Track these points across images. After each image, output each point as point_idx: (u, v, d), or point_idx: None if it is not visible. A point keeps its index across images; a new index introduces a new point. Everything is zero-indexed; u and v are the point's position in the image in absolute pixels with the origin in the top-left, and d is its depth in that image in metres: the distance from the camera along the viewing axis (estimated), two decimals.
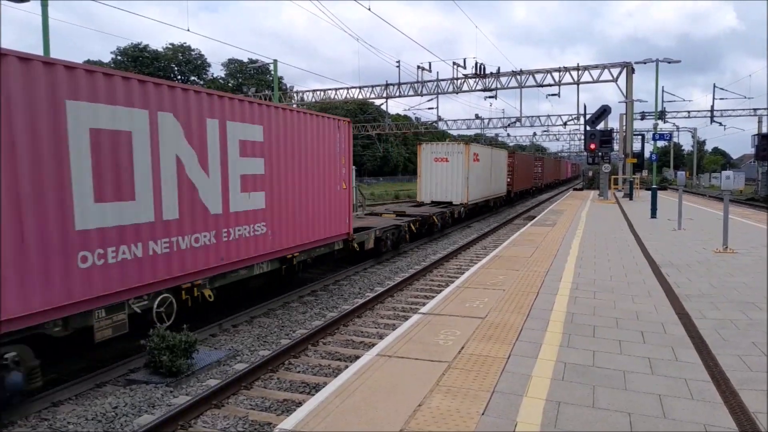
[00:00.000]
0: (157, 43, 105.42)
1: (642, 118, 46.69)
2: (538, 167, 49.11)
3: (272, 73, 36.69)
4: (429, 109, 63.00)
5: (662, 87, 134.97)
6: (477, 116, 47.52)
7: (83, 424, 5.54)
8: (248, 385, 6.42)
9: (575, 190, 45.05)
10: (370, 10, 21.40)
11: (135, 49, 60.69)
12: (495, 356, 4.96)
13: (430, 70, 30.59)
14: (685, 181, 16.56)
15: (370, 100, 40.60)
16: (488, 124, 48.71)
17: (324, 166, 11.06)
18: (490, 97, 31.30)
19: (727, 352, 5.03)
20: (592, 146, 26.45)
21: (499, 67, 29.44)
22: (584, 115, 29.44)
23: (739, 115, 45.91)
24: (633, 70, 27.06)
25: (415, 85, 32.14)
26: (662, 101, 42.73)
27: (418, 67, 30.59)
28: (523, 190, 41.20)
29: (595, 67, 27.80)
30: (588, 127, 27.52)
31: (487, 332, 5.67)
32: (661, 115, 41.60)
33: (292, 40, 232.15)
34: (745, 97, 44.32)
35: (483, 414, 3.81)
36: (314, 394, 4.31)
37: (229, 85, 64.81)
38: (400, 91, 32.77)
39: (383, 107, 39.95)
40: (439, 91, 31.95)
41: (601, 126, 28.93)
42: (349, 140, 12.17)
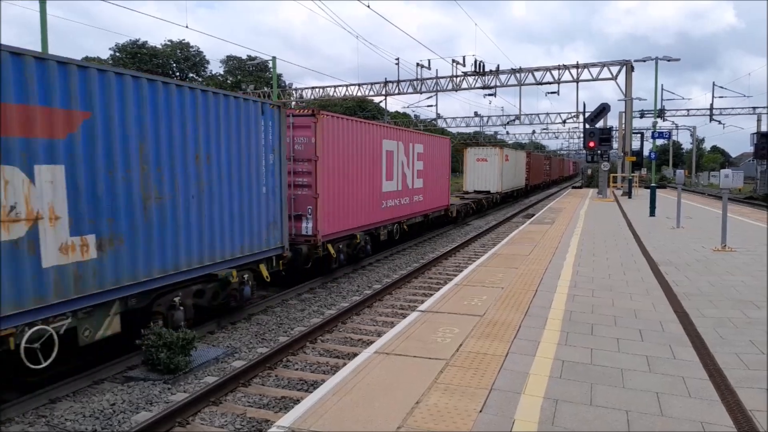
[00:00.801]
0: (155, 39, 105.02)
1: (641, 117, 46.75)
2: (547, 165, 56.22)
3: (271, 70, 36.60)
4: (428, 106, 62.97)
5: (662, 85, 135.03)
6: (476, 114, 47.59)
7: (81, 421, 5.53)
8: (246, 383, 6.42)
9: (574, 188, 44.94)
10: (369, 7, 21.39)
11: (133, 45, 60.48)
12: (493, 354, 4.96)
13: (429, 68, 30.52)
14: (684, 179, 16.57)
15: (369, 98, 40.57)
16: (487, 121, 48.79)
17: (437, 167, 19.40)
18: (490, 95, 31.25)
19: (725, 350, 5.03)
20: (591, 144, 26.42)
21: (498, 65, 29.35)
22: (583, 113, 29.37)
23: (739, 114, 45.96)
24: (632, 68, 27.00)
25: (415, 83, 32.04)
26: (661, 99, 42.86)
27: (418, 65, 30.49)
28: (536, 184, 47.40)
29: (595, 65, 27.74)
30: (587, 125, 27.49)
31: (485, 330, 5.68)
32: (661, 114, 41.62)
33: (291, 37, 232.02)
34: (745, 96, 44.20)
35: (481, 411, 3.81)
36: (312, 392, 4.30)
37: (228, 83, 64.58)
38: (399, 89, 32.67)
39: (382, 105, 39.96)
40: (439, 89, 31.86)
41: (600, 124, 28.87)
42: (449, 152, 21.10)
